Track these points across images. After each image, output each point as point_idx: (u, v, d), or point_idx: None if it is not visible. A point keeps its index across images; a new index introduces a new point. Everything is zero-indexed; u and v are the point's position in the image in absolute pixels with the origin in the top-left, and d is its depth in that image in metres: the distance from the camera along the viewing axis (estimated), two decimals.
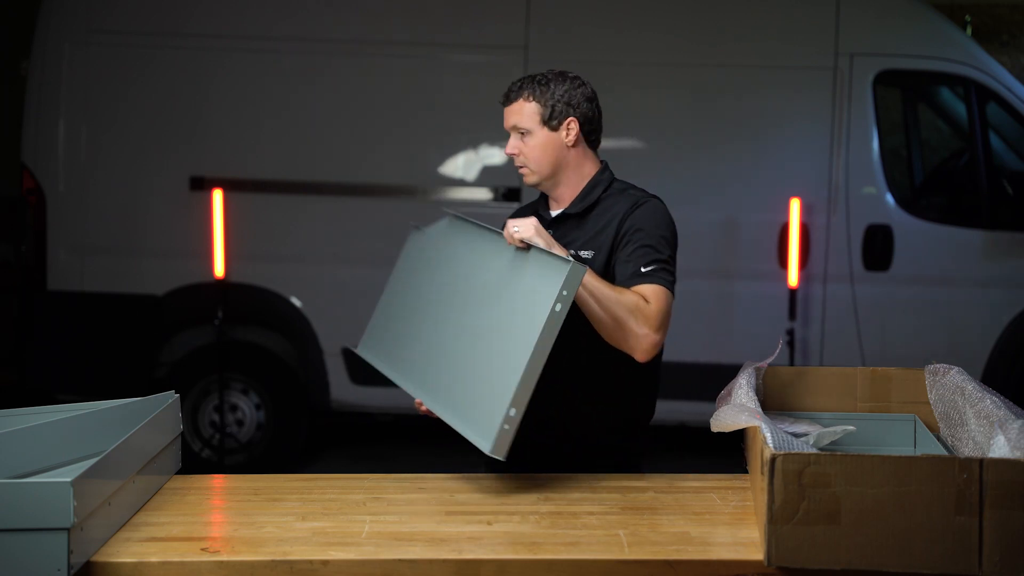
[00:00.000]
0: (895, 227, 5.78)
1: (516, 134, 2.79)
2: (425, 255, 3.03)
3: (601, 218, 2.74)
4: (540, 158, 2.78)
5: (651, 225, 2.70)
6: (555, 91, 2.80)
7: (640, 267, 2.63)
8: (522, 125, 2.77)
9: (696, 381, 5.70)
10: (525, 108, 2.77)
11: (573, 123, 2.81)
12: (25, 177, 5.96)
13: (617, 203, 2.76)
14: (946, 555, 1.99)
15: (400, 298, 3.07)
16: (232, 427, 5.98)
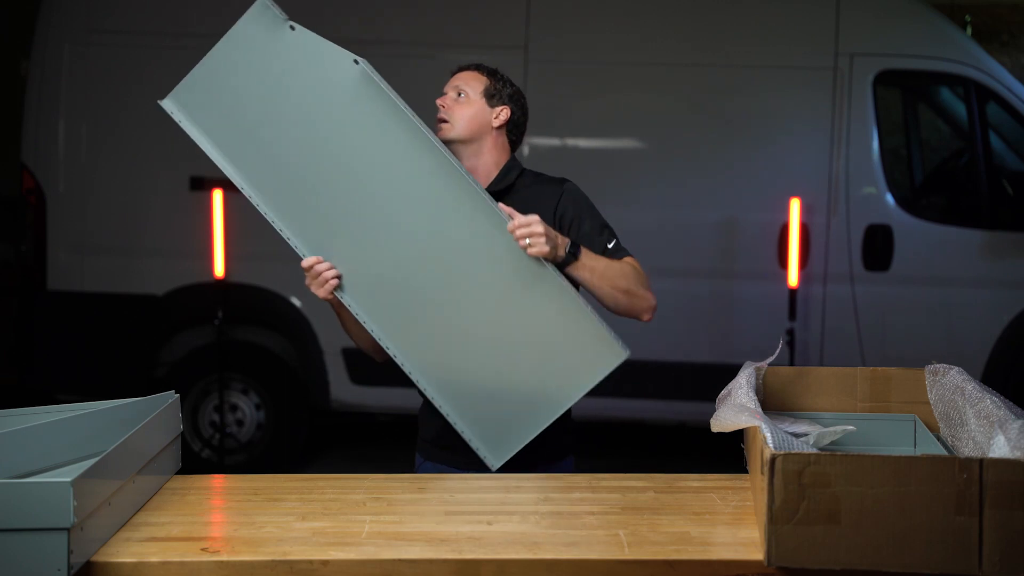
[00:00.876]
0: (895, 227, 5.78)
1: (454, 92, 2.86)
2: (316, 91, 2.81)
3: (524, 201, 2.79)
4: (466, 120, 2.84)
5: (587, 207, 2.89)
6: (504, 82, 2.94)
7: (606, 246, 2.84)
8: (464, 87, 2.86)
9: (696, 381, 5.71)
10: (474, 77, 2.90)
11: (505, 111, 2.91)
12: (25, 177, 5.96)
13: (537, 186, 2.89)
14: (946, 555, 1.99)
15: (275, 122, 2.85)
16: (232, 427, 5.98)
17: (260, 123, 2.79)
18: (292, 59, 2.76)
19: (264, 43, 2.77)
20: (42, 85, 5.93)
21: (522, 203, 2.78)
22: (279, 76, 2.75)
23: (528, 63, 5.85)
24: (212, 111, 2.81)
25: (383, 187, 2.69)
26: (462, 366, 2.72)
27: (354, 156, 2.70)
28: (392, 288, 2.73)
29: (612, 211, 5.88)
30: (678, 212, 5.88)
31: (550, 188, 2.88)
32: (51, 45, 5.92)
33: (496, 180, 2.87)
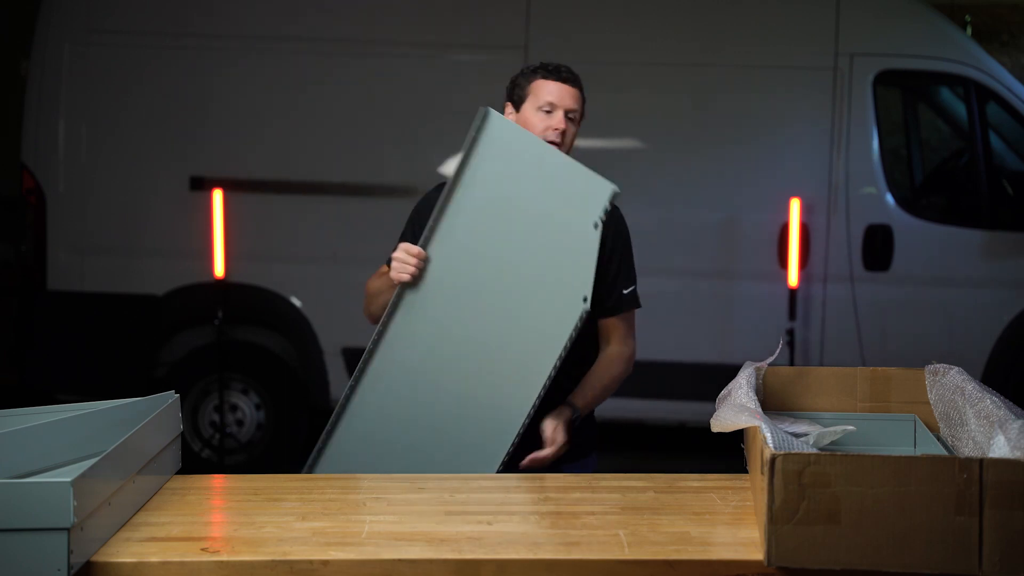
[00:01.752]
0: (895, 227, 5.78)
1: (565, 114, 2.81)
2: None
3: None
4: (571, 148, 2.85)
5: (625, 245, 2.90)
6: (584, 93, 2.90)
7: (622, 290, 2.86)
8: (576, 113, 2.83)
9: (696, 381, 5.70)
10: (580, 98, 2.84)
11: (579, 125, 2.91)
12: (25, 177, 5.96)
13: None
14: (946, 555, 1.99)
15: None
16: (232, 427, 5.98)
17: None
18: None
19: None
20: (42, 85, 5.93)
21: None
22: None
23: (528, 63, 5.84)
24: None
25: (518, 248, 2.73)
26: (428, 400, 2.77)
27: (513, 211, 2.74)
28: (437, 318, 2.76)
29: None
30: (678, 212, 5.88)
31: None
32: (51, 45, 5.92)
33: None
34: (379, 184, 5.92)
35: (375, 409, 2.79)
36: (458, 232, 2.71)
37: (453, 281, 2.73)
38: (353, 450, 2.80)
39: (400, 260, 2.71)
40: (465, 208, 2.70)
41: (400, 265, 2.71)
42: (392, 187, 5.92)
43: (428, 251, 2.72)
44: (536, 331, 2.69)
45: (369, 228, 5.86)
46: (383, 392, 2.78)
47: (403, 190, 5.94)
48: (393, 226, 2.90)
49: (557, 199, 2.66)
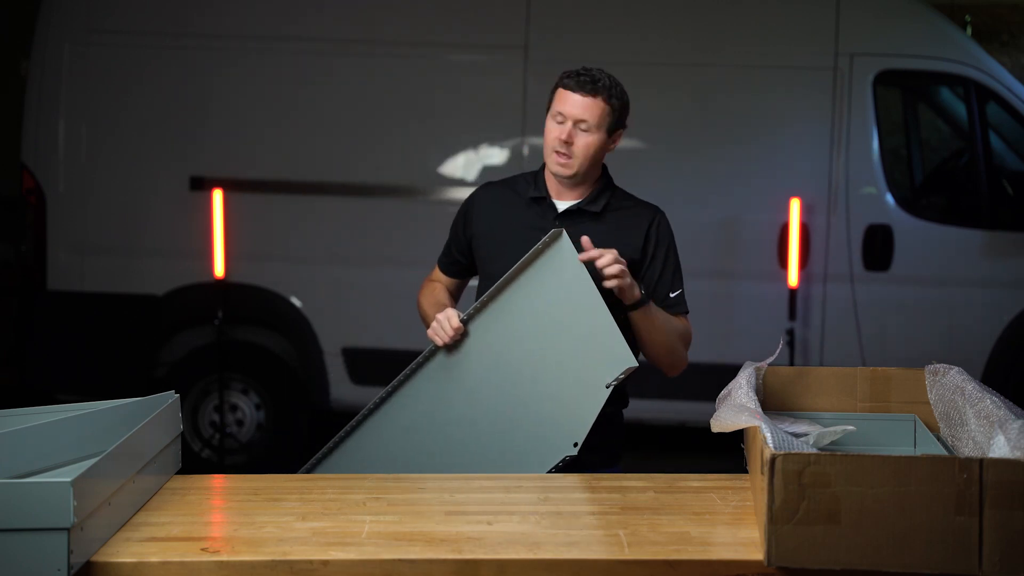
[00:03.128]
0: (895, 227, 5.78)
1: (572, 124, 2.81)
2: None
3: (619, 220, 2.87)
4: (588, 157, 2.83)
5: (672, 245, 2.89)
6: (624, 101, 2.90)
7: (669, 292, 2.86)
8: (590, 123, 2.81)
9: (696, 381, 5.68)
10: (600, 107, 2.83)
11: (620, 136, 2.92)
12: (25, 177, 5.96)
13: (631, 208, 2.91)
14: (946, 555, 1.99)
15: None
16: (232, 427, 5.98)
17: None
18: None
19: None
20: (42, 85, 5.93)
21: (615, 224, 2.84)
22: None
23: (528, 63, 5.84)
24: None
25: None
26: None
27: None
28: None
29: None
30: (678, 212, 5.80)
31: (644, 212, 2.91)
32: (51, 45, 5.92)
33: (590, 199, 2.89)
34: (379, 184, 5.92)
35: (376, 446, 2.89)
36: (498, 325, 2.81)
37: (478, 365, 2.82)
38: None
39: (440, 324, 2.80)
40: (509, 309, 2.80)
41: (438, 328, 2.81)
42: (392, 187, 5.92)
43: (468, 327, 2.82)
44: (526, 452, 2.74)
45: (369, 228, 5.87)
46: (387, 431, 2.89)
47: (403, 190, 5.95)
48: (393, 226, 2.91)
49: (583, 343, 2.72)
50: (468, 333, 2.82)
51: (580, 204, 2.87)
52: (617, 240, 2.81)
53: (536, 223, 2.85)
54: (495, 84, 5.92)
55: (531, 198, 2.89)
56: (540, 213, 2.88)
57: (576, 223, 2.84)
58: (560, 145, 2.80)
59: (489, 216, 2.94)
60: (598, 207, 2.87)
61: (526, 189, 2.92)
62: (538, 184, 2.91)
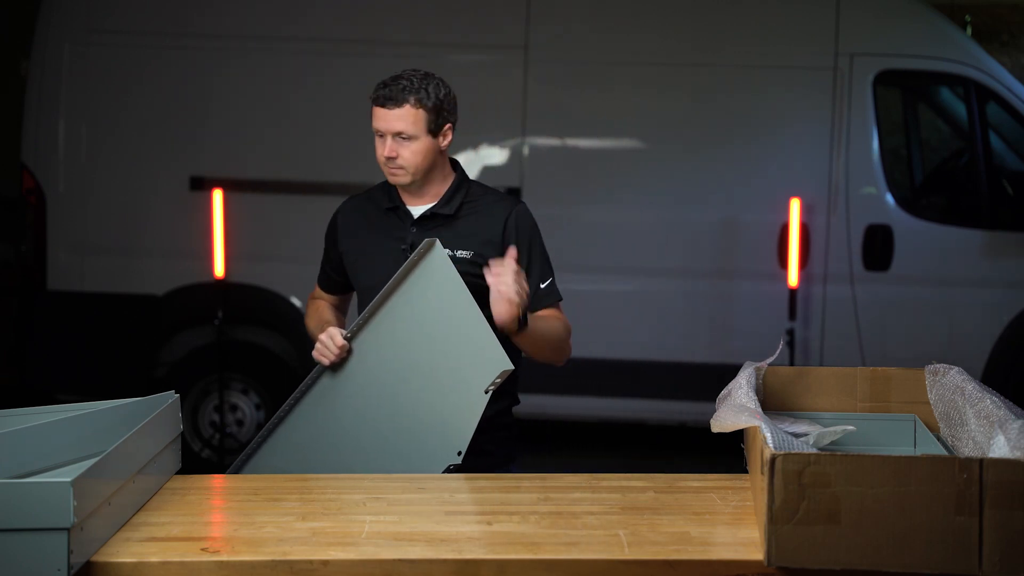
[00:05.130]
0: (895, 227, 5.78)
1: (392, 137, 2.80)
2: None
3: (473, 220, 2.84)
4: (420, 163, 2.80)
5: (532, 233, 2.86)
6: (438, 97, 2.83)
7: (539, 283, 2.85)
8: (407, 132, 2.78)
9: (696, 381, 5.70)
10: (411, 115, 2.79)
11: (450, 130, 2.87)
12: (25, 177, 5.95)
13: (486, 205, 2.87)
14: (946, 555, 1.99)
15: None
16: (232, 427, 5.98)
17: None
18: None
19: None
20: (42, 85, 5.93)
21: (471, 224, 2.82)
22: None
23: (528, 63, 5.84)
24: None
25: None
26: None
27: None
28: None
29: (613, 211, 5.95)
30: (678, 212, 5.88)
31: (500, 206, 2.87)
32: (51, 45, 5.92)
33: (443, 202, 2.86)
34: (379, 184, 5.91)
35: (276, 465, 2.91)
36: (380, 339, 2.82)
37: (363, 381, 2.84)
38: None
39: (324, 345, 2.81)
40: (389, 322, 2.81)
41: (323, 348, 2.82)
42: None
43: (352, 343, 2.82)
44: (412, 463, 2.74)
45: None
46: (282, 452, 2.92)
47: None
48: None
49: (461, 350, 2.73)
50: (352, 350, 2.82)
51: (433, 208, 2.85)
52: (474, 240, 2.80)
53: (395, 232, 2.86)
54: (495, 84, 5.92)
55: (386, 208, 2.89)
56: (397, 222, 2.87)
57: (431, 227, 2.83)
58: (387, 161, 2.81)
59: (352, 230, 2.96)
60: (451, 209, 2.84)
61: (382, 200, 2.92)
62: (391, 194, 2.91)
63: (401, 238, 2.85)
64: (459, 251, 2.79)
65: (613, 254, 5.87)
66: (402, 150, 2.79)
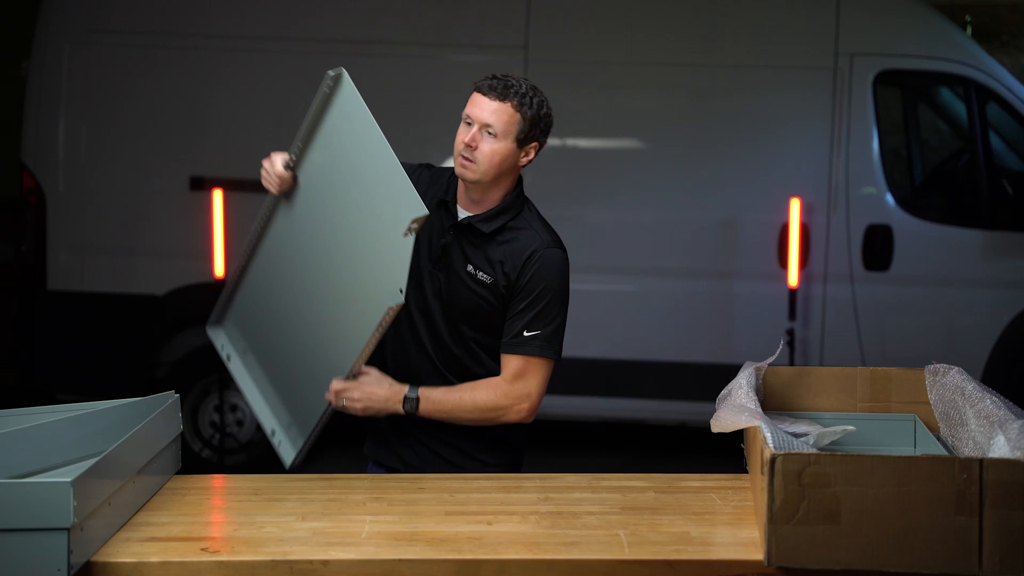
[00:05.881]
0: (895, 227, 5.78)
1: (481, 128, 2.68)
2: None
3: (503, 247, 2.73)
4: (494, 165, 2.69)
5: (548, 282, 2.71)
6: (539, 112, 2.75)
7: (523, 331, 2.71)
8: (497, 128, 2.67)
9: (696, 381, 5.70)
10: (508, 114, 2.69)
11: (534, 149, 2.76)
12: (25, 177, 5.95)
13: (522, 239, 2.73)
14: (946, 555, 1.99)
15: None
16: (232, 427, 5.98)
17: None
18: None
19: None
20: (42, 85, 5.93)
21: (498, 249, 2.72)
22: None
23: (528, 63, 5.84)
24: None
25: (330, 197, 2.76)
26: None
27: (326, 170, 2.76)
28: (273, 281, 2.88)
29: (613, 211, 5.95)
30: (678, 212, 5.88)
31: (530, 243, 2.73)
32: (51, 45, 5.92)
33: (485, 217, 2.74)
34: None
35: (259, 292, 2.96)
36: (313, 169, 2.76)
37: (307, 221, 2.78)
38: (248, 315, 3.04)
39: (266, 171, 2.78)
40: (318, 156, 2.76)
41: (266, 176, 2.78)
42: None
43: (297, 170, 2.77)
44: (350, 315, 2.70)
45: None
46: (259, 291, 2.96)
47: None
48: None
49: (381, 192, 2.63)
50: (297, 180, 2.76)
51: (474, 219, 2.74)
52: (497, 268, 2.72)
53: (437, 227, 2.78)
54: None
55: (441, 199, 2.80)
56: (443, 217, 2.78)
57: (465, 237, 2.75)
58: (464, 149, 2.68)
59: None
60: (488, 228, 2.73)
61: (442, 187, 2.83)
62: (451, 186, 2.82)
63: (440, 236, 2.77)
64: (480, 273, 2.72)
65: (613, 254, 5.87)
66: (483, 144, 2.67)
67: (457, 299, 2.75)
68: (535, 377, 2.73)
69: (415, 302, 2.78)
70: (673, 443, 6.45)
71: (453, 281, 2.75)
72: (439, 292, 2.77)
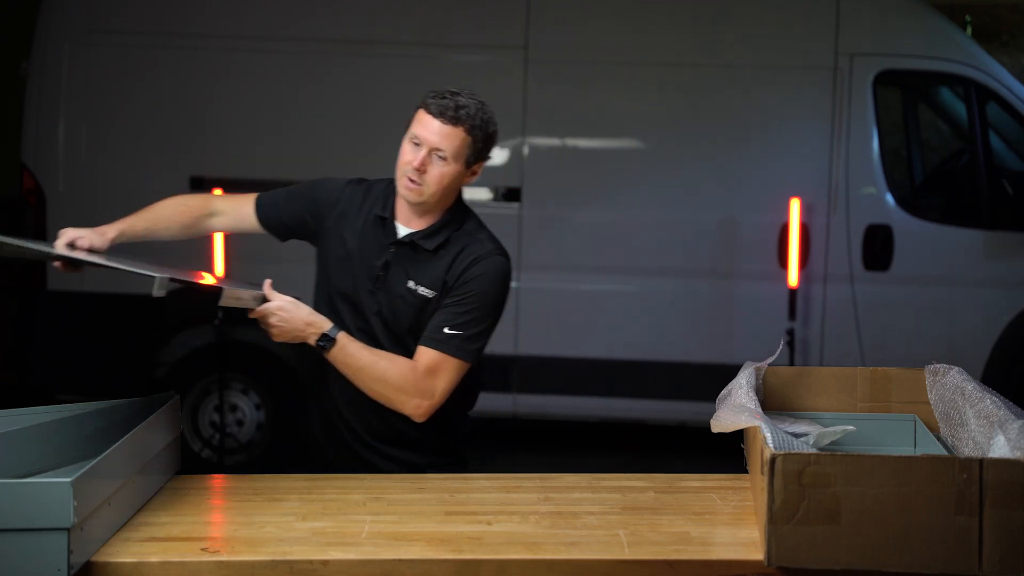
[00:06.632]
0: (895, 227, 5.78)
1: (428, 151, 2.61)
2: None
3: (446, 262, 2.69)
4: (442, 187, 2.64)
5: (485, 287, 2.67)
6: (487, 132, 2.68)
7: (445, 327, 2.63)
8: (447, 153, 2.61)
9: (696, 381, 5.70)
10: (460, 139, 2.62)
11: (480, 168, 2.71)
12: (25, 177, 5.96)
13: (462, 247, 2.69)
14: (946, 555, 1.99)
15: None
16: (232, 427, 5.98)
17: None
18: None
19: None
20: (42, 85, 5.93)
21: (444, 255, 2.67)
22: None
23: (528, 63, 5.84)
24: None
25: None
26: None
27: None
28: None
29: (613, 211, 5.95)
30: (678, 212, 5.88)
31: (472, 248, 2.69)
32: (51, 45, 5.92)
33: (427, 233, 2.69)
34: None
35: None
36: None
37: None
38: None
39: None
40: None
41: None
42: None
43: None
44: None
45: None
46: None
47: None
48: None
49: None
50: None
51: (415, 236, 2.69)
52: (429, 280, 2.68)
53: (376, 246, 2.72)
54: (495, 84, 5.91)
55: (378, 215, 2.74)
56: (382, 236, 2.72)
57: (406, 254, 2.70)
58: (412, 172, 2.62)
59: (347, 219, 2.79)
60: (431, 244, 2.68)
61: (377, 203, 2.76)
62: (388, 202, 2.75)
63: (379, 255, 2.72)
64: (421, 288, 2.67)
65: (613, 254, 5.87)
66: (432, 168, 2.61)
67: (400, 316, 2.69)
68: (445, 377, 2.64)
69: (353, 323, 2.72)
70: (673, 443, 6.44)
71: (394, 299, 2.70)
72: (380, 311, 2.71)
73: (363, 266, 2.73)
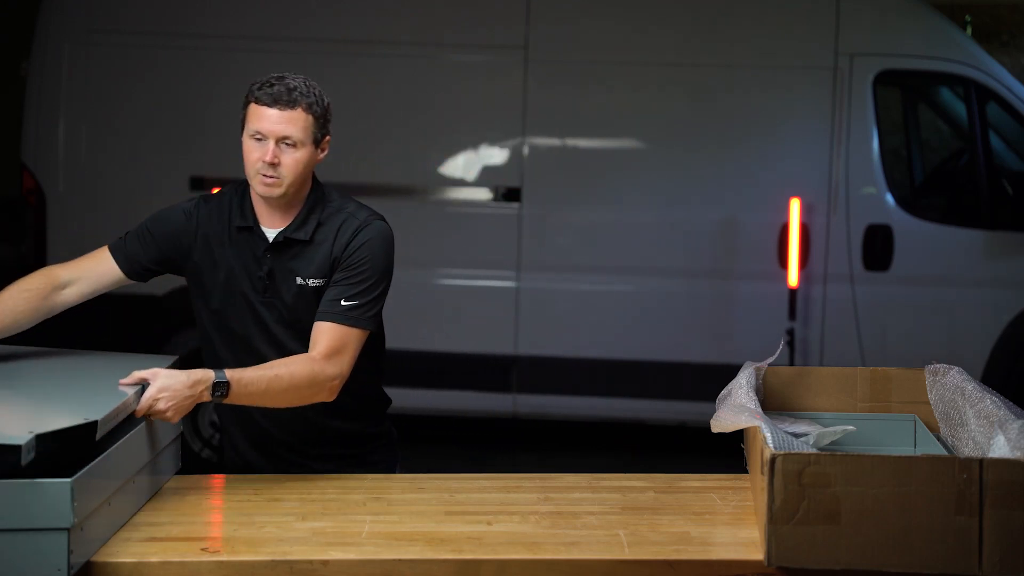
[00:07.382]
0: (895, 227, 5.78)
1: (275, 142, 2.56)
2: None
3: (325, 243, 2.63)
4: (299, 174, 2.59)
5: (372, 252, 2.62)
6: (323, 105, 2.65)
7: (341, 299, 2.57)
8: (295, 138, 2.57)
9: (696, 381, 5.70)
10: (302, 120, 2.60)
11: (327, 143, 2.68)
12: (25, 177, 5.96)
13: (339, 224, 2.65)
14: (946, 555, 1.99)
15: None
16: None
17: None
18: None
19: None
20: (42, 85, 5.93)
21: (322, 239, 2.62)
22: None
23: (528, 63, 5.84)
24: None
25: None
26: None
27: None
28: None
29: (613, 211, 5.95)
30: (678, 212, 5.88)
31: (349, 222, 2.64)
32: (51, 45, 5.92)
33: (296, 225, 2.64)
34: (379, 184, 5.91)
35: None
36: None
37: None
38: None
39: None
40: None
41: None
42: (392, 187, 5.92)
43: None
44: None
45: None
46: None
47: (403, 190, 5.95)
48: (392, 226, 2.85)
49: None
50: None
51: (287, 233, 2.62)
52: (325, 265, 2.61)
53: (251, 258, 2.64)
54: (495, 84, 5.92)
55: (239, 227, 2.65)
56: (253, 245, 2.64)
57: (285, 253, 2.63)
58: (265, 168, 2.55)
59: (210, 246, 2.68)
60: (306, 234, 2.62)
61: (235, 215, 2.67)
62: (244, 210, 2.66)
63: (258, 266, 2.63)
64: (311, 280, 2.61)
65: (613, 254, 5.87)
66: (284, 157, 2.56)
67: (301, 315, 2.62)
68: (348, 351, 2.55)
69: (262, 338, 2.66)
70: (673, 443, 6.45)
71: (289, 301, 2.63)
72: (280, 318, 2.64)
73: (247, 280, 2.64)
